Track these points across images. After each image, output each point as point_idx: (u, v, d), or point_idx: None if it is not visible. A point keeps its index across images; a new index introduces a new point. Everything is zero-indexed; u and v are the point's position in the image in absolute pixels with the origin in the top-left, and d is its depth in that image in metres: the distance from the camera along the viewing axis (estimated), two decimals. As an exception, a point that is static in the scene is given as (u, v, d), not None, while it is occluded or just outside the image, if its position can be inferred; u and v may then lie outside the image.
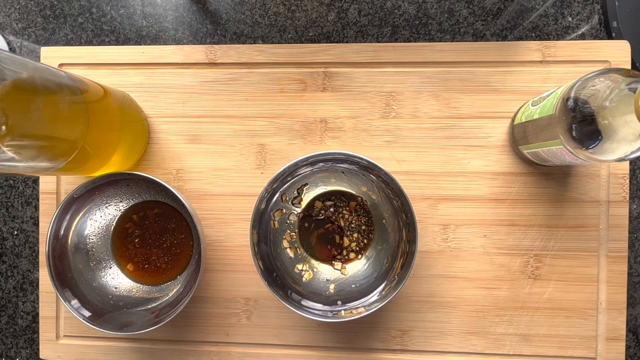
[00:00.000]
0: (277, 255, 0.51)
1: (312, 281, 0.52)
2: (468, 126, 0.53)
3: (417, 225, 0.44)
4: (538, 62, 0.52)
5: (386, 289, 0.47)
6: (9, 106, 0.33)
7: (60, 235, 0.49)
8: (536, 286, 0.52)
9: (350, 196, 0.53)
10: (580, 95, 0.37)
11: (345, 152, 0.45)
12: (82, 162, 0.44)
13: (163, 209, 0.54)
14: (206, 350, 0.54)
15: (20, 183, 1.05)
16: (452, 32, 1.00)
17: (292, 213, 0.53)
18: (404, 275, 0.45)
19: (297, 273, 0.52)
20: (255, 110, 0.54)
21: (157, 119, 0.55)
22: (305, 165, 0.47)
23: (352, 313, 0.46)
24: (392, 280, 0.48)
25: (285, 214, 0.53)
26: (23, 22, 1.06)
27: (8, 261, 1.06)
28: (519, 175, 0.52)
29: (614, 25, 0.97)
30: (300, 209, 0.53)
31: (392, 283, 0.47)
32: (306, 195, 0.53)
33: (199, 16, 1.03)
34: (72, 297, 0.48)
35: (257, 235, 0.47)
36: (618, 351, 0.51)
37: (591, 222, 0.52)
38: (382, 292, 0.48)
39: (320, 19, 1.01)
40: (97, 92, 0.45)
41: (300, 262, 0.52)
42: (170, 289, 0.53)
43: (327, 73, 0.54)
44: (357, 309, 0.47)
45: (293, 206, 0.53)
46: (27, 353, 1.06)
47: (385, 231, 0.52)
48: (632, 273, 0.97)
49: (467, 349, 0.52)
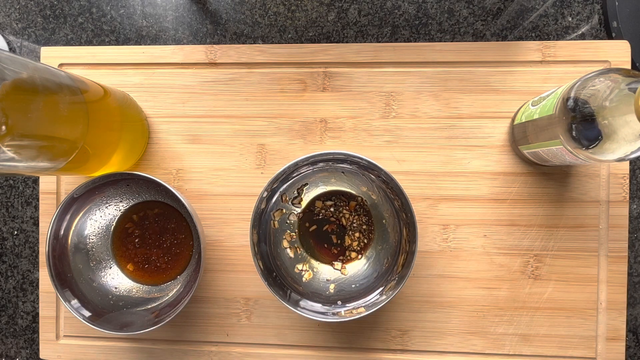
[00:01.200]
0: (277, 255, 0.51)
1: (312, 281, 0.52)
2: (468, 126, 0.53)
3: (417, 224, 0.44)
4: (538, 62, 0.52)
5: (386, 289, 0.47)
6: (9, 106, 0.33)
7: (60, 235, 0.49)
8: (536, 286, 0.52)
9: (350, 196, 0.53)
10: (580, 95, 0.37)
11: (345, 152, 0.45)
12: (82, 162, 0.44)
13: (163, 209, 0.54)
14: (206, 350, 0.54)
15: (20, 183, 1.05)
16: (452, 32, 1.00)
17: (292, 213, 0.53)
18: (404, 274, 0.45)
19: (297, 273, 0.52)
20: (255, 110, 0.54)
21: (157, 119, 0.55)
22: (306, 165, 0.47)
23: (352, 313, 0.46)
24: (392, 280, 0.48)
25: (285, 214, 0.53)
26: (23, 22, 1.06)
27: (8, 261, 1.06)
28: (519, 175, 0.52)
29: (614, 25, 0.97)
30: (300, 209, 0.53)
31: (392, 283, 0.47)
32: (306, 195, 0.53)
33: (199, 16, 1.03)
34: (72, 297, 0.48)
35: (257, 235, 0.47)
36: (618, 351, 0.51)
37: (591, 222, 0.52)
38: (382, 292, 0.48)
39: (320, 19, 1.01)
40: (97, 92, 0.45)
41: (300, 262, 0.52)
42: (170, 289, 0.53)
43: (327, 73, 0.54)
44: (357, 309, 0.47)
45: (293, 206, 0.53)
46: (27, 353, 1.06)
47: (385, 231, 0.52)
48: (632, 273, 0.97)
49: (467, 349, 0.52)
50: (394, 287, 0.46)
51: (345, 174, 0.51)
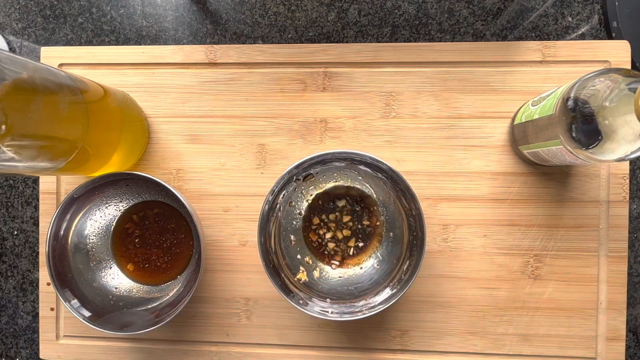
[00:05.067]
0: (283, 255, 0.51)
1: (318, 281, 0.51)
2: (468, 126, 0.53)
3: (425, 228, 0.44)
4: (538, 62, 0.52)
5: (391, 291, 0.47)
6: (9, 106, 0.33)
7: (60, 235, 0.49)
8: (536, 286, 0.52)
9: (357, 196, 0.53)
10: (580, 95, 0.37)
11: (356, 152, 0.45)
12: (82, 162, 0.44)
13: (163, 209, 0.54)
14: (206, 350, 0.54)
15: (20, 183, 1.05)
16: (452, 32, 1.00)
17: (298, 212, 0.53)
18: (409, 278, 0.45)
19: (301, 273, 0.51)
20: (255, 110, 0.54)
21: (157, 119, 0.55)
22: (314, 164, 0.47)
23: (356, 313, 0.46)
24: (397, 282, 0.48)
25: (291, 213, 0.53)
26: (23, 22, 1.06)
27: (8, 261, 1.06)
28: (519, 175, 0.52)
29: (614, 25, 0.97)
30: (306, 208, 0.53)
31: (397, 285, 0.47)
32: (313, 194, 0.53)
33: (199, 16, 1.03)
34: (72, 297, 0.48)
35: (263, 235, 0.47)
36: (618, 351, 0.51)
37: (591, 222, 0.52)
38: (386, 293, 0.48)
39: (320, 19, 1.01)
40: (97, 92, 0.45)
41: (305, 262, 0.52)
42: (170, 289, 0.53)
43: (327, 73, 0.54)
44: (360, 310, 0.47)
45: (299, 205, 0.53)
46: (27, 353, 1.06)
47: (392, 233, 0.52)
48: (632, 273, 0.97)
49: (467, 349, 0.52)
50: (400, 289, 0.46)
51: (352, 174, 0.51)
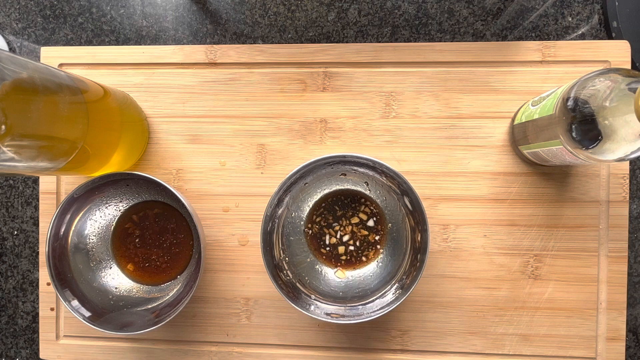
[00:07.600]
0: (286, 257, 0.51)
1: (320, 283, 0.51)
2: (468, 126, 0.53)
3: (429, 231, 0.44)
4: (538, 62, 0.52)
5: (393, 294, 0.47)
6: (9, 106, 0.33)
7: (60, 235, 0.49)
8: (536, 286, 0.52)
9: (360, 199, 0.52)
10: (580, 95, 0.37)
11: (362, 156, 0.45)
12: (82, 162, 0.44)
13: (163, 209, 0.54)
14: (206, 350, 0.54)
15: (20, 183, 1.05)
16: (452, 32, 1.00)
17: (302, 215, 0.53)
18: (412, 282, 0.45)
19: (304, 274, 0.51)
20: (255, 110, 0.54)
21: (157, 119, 0.55)
22: (318, 166, 0.47)
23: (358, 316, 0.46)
24: (399, 285, 0.48)
25: (294, 216, 0.52)
26: (23, 22, 1.06)
27: (8, 261, 1.06)
28: (519, 175, 0.52)
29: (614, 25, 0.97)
30: (309, 211, 0.53)
31: (399, 288, 0.47)
32: (316, 197, 0.53)
33: (199, 16, 1.03)
34: (72, 297, 0.48)
35: (266, 236, 0.47)
36: (618, 351, 0.51)
37: (591, 222, 0.52)
38: (388, 297, 0.48)
39: (320, 19, 1.01)
40: (97, 92, 0.45)
41: (308, 264, 0.52)
42: (170, 289, 0.53)
43: (327, 73, 0.54)
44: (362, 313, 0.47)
45: (303, 208, 0.53)
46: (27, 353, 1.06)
47: (396, 235, 0.52)
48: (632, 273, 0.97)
49: (467, 349, 0.52)
50: (403, 292, 0.46)
51: (356, 176, 0.51)
